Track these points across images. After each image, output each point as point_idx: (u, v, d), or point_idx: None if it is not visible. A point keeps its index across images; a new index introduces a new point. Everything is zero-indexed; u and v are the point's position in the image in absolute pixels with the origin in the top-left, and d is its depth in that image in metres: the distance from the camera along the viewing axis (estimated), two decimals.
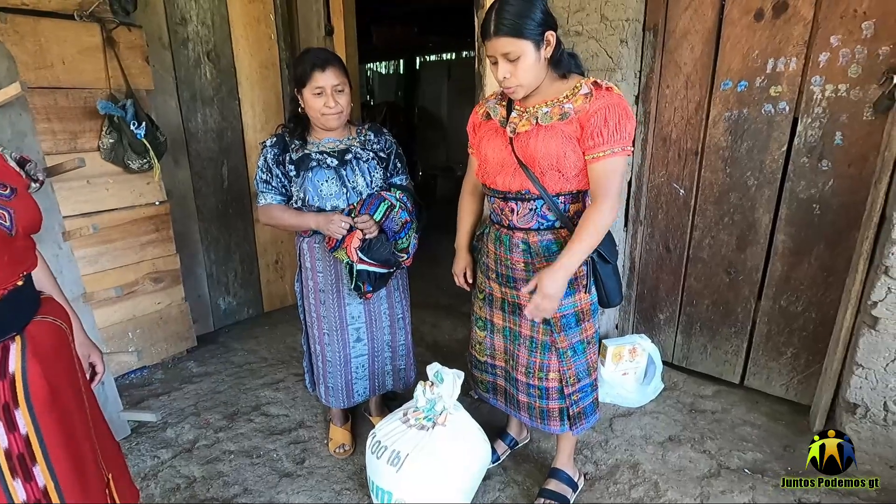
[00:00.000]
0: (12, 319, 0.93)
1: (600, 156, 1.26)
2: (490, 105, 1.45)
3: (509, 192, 1.37)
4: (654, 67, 1.98)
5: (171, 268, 2.46)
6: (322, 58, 1.54)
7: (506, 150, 1.36)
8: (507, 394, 1.62)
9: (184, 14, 2.45)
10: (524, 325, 1.49)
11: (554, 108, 1.29)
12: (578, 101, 1.27)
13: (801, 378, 1.94)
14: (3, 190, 0.91)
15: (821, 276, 1.82)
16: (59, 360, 1.00)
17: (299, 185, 1.58)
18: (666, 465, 1.74)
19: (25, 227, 0.94)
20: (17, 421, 0.89)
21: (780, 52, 1.73)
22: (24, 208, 0.94)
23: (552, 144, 1.28)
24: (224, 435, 1.97)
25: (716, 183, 1.95)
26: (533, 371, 1.50)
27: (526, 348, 1.50)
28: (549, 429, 1.54)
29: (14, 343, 0.91)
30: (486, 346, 1.62)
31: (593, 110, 1.24)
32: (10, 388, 0.89)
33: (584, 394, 1.51)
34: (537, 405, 1.52)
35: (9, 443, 0.88)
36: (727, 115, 1.87)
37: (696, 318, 2.14)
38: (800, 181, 1.79)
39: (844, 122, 1.67)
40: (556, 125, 1.28)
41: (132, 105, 2.12)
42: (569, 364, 1.46)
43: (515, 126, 1.34)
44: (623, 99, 1.27)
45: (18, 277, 0.93)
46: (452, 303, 3.09)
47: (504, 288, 1.50)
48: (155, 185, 2.33)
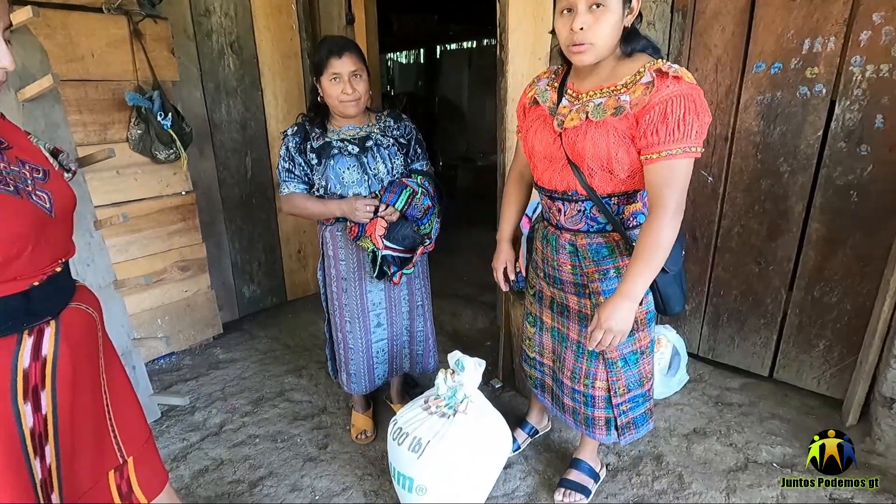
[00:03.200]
0: (49, 304, 0.95)
1: (654, 157, 1.09)
2: (540, 87, 1.29)
3: (556, 190, 1.26)
4: (682, 50, 1.92)
5: (197, 256, 2.52)
6: (339, 44, 1.54)
7: (554, 145, 1.23)
8: (553, 393, 1.56)
9: (207, 6, 2.47)
10: (572, 327, 1.41)
11: (609, 100, 1.13)
12: (637, 91, 1.09)
13: (833, 371, 1.88)
14: (37, 174, 0.93)
15: (857, 265, 1.75)
16: (86, 345, 1.02)
17: (321, 174, 1.59)
18: (691, 458, 1.71)
19: (63, 209, 0.95)
20: (41, 402, 0.91)
21: (817, 31, 1.65)
22: (60, 190, 0.95)
23: (601, 143, 1.14)
24: (250, 419, 2.02)
25: (746, 170, 1.89)
26: (579, 377, 1.41)
27: (573, 352, 1.42)
28: (595, 436, 1.46)
29: (49, 327, 0.94)
30: (535, 343, 1.56)
31: (653, 103, 1.07)
32: (41, 371, 0.91)
33: (634, 404, 1.42)
34: (582, 411, 1.45)
35: (34, 423, 0.90)
36: (759, 99, 1.81)
37: (724, 308, 2.08)
38: (836, 167, 1.71)
39: (886, 104, 1.59)
40: (608, 121, 1.13)
41: (159, 96, 2.16)
42: (618, 374, 1.37)
43: (563, 119, 1.20)
44: (696, 88, 1.07)
45: (57, 264, 0.95)
46: (472, 292, 3.09)
47: (552, 288, 1.42)
48: (181, 175, 2.38)
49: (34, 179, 0.91)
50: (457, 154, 5.82)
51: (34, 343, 0.91)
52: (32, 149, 0.99)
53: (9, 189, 0.85)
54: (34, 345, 0.91)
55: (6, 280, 0.84)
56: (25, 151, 0.96)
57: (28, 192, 0.89)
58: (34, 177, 0.92)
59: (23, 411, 0.88)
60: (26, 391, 0.89)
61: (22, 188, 0.88)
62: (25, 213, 0.86)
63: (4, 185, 0.84)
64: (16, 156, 0.91)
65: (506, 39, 1.84)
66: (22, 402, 0.88)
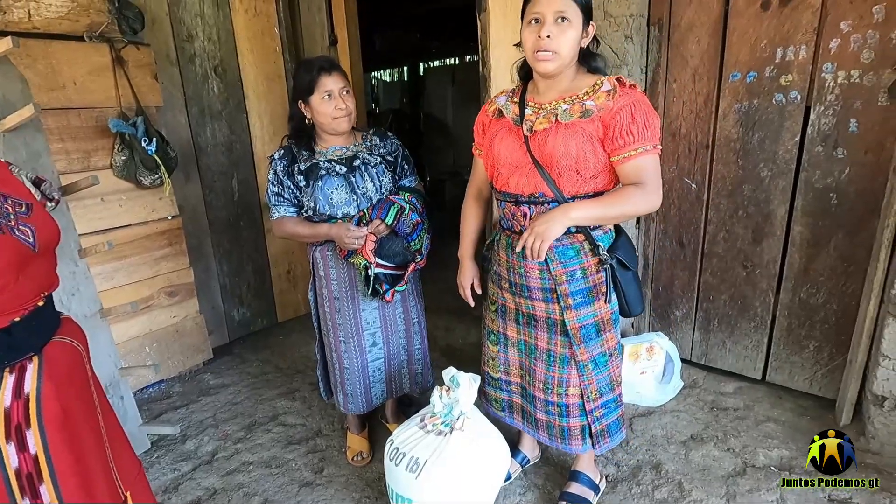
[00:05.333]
0: (31, 340, 0.93)
1: (631, 154, 1.20)
2: (501, 102, 1.38)
3: (522, 194, 1.31)
4: (660, 62, 1.96)
5: (185, 281, 2.49)
6: (328, 62, 1.58)
7: (520, 150, 1.29)
8: (524, 411, 1.55)
9: (190, 31, 2.48)
10: (540, 336, 1.43)
11: (574, 105, 1.22)
12: (601, 98, 1.21)
13: (825, 372, 1.90)
14: (19, 208, 0.92)
15: (841, 266, 1.78)
16: (73, 380, 1.00)
17: (310, 195, 1.59)
18: (689, 465, 1.71)
19: (47, 243, 0.95)
20: (27, 441, 0.89)
21: (789, 40, 1.70)
22: (43, 223, 0.95)
23: (572, 144, 1.22)
24: (243, 446, 1.98)
25: (728, 176, 1.93)
26: (552, 387, 1.43)
27: (543, 362, 1.44)
28: (570, 448, 1.47)
29: (31, 363, 0.92)
30: (499, 362, 1.55)
31: (618, 108, 1.19)
32: (24, 409, 0.89)
33: (607, 409, 1.44)
34: (557, 423, 1.46)
35: (19, 462, 0.88)
36: (737, 107, 1.85)
37: (714, 313, 2.10)
38: (815, 170, 1.75)
39: (859, 108, 1.64)
40: (577, 123, 1.22)
41: (143, 122, 2.15)
42: (590, 378, 1.40)
43: (532, 124, 1.27)
44: (645, 97, 1.22)
45: (39, 298, 0.94)
46: (464, 306, 3.05)
47: (518, 298, 1.44)
48: (167, 199, 2.36)
49: (17, 214, 0.91)
50: (444, 168, 5.86)
51: (16, 380, 0.89)
52: (14, 182, 0.99)
53: None
54: (16, 382, 0.89)
55: None
56: (7, 185, 0.95)
57: (10, 227, 0.88)
58: (17, 211, 0.91)
59: (5, 451, 0.86)
60: (8, 431, 0.87)
61: (4, 223, 0.87)
62: (7, 248, 0.86)
63: None
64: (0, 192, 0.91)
65: (488, 56, 1.87)
66: (4, 442, 0.86)
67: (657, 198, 1.24)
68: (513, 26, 1.88)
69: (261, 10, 2.71)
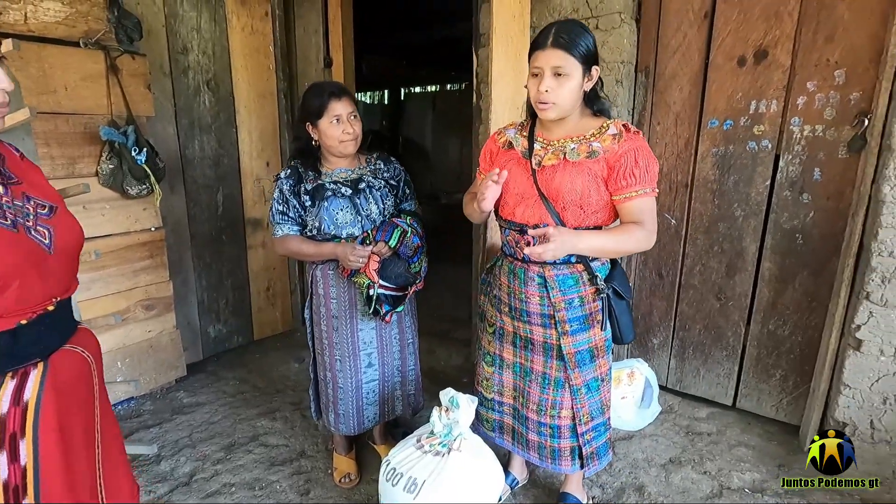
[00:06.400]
0: (38, 346, 0.90)
1: (633, 195, 1.29)
2: (510, 134, 1.44)
3: (527, 224, 1.37)
4: (646, 106, 2.11)
5: (163, 295, 2.42)
6: (338, 87, 1.63)
7: (527, 182, 1.36)
8: (514, 432, 1.59)
9: (186, 44, 2.48)
10: (536, 360, 1.48)
11: (581, 146, 1.31)
12: (607, 140, 1.29)
13: (790, 399, 2.04)
14: (41, 209, 0.91)
15: (805, 301, 1.94)
16: (77, 392, 0.97)
17: (315, 215, 1.61)
18: (670, 487, 1.78)
19: (64, 245, 0.93)
20: (20, 451, 0.86)
21: (761, 94, 1.88)
22: (65, 226, 0.93)
23: (578, 181, 1.30)
24: (223, 467, 1.92)
25: (705, 214, 2.07)
26: (545, 409, 1.48)
27: (538, 385, 1.49)
28: (560, 469, 1.52)
29: (35, 370, 0.89)
30: (493, 383, 1.59)
31: (622, 152, 1.28)
32: (21, 418, 0.86)
33: (597, 433, 1.50)
34: (548, 444, 1.50)
35: (8, 474, 0.85)
36: (714, 151, 2.01)
37: (689, 342, 2.22)
38: (783, 213, 1.92)
39: (822, 159, 1.81)
40: (584, 162, 1.30)
41: (134, 131, 2.12)
42: (582, 402, 1.45)
43: (541, 159, 1.35)
44: (647, 143, 1.32)
45: (50, 302, 0.91)
46: (445, 328, 3.11)
47: (517, 322, 1.49)
48: (152, 210, 2.31)
49: (37, 215, 0.90)
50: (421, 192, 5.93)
51: (16, 387, 0.86)
52: (44, 186, 0.98)
53: (5, 222, 0.84)
54: (16, 388, 0.86)
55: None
56: (35, 188, 0.94)
57: (27, 226, 0.87)
58: (38, 212, 0.91)
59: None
60: (2, 440, 0.84)
61: (21, 222, 0.87)
62: (19, 246, 0.85)
63: (2, 218, 0.84)
64: (22, 191, 0.91)
65: (488, 91, 1.96)
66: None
67: (654, 237, 1.33)
68: (512, 66, 2.00)
69: (257, 29, 2.74)
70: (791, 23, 1.78)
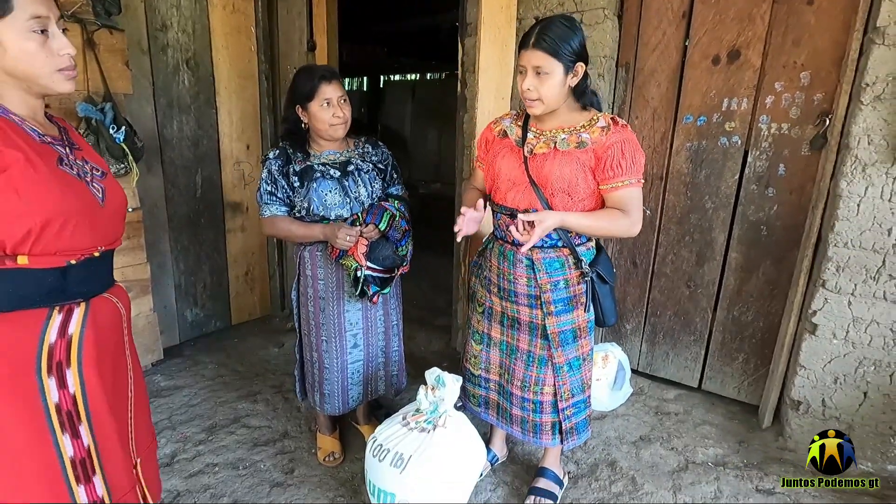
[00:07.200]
0: (83, 287, 1.00)
1: (619, 185, 1.36)
2: (506, 124, 1.51)
3: (517, 209, 1.43)
4: (625, 99, 2.19)
5: (140, 277, 2.38)
6: (329, 71, 1.63)
7: (519, 169, 1.43)
8: (499, 408, 1.67)
9: (165, 21, 2.42)
10: (522, 338, 1.56)
11: (571, 136, 1.38)
12: (595, 132, 1.36)
13: (750, 381, 2.17)
14: (96, 171, 1.05)
15: (767, 289, 2.07)
16: (111, 338, 1.07)
17: (303, 196, 1.62)
18: (640, 462, 1.88)
19: (113, 203, 1.05)
20: (67, 379, 0.96)
21: (733, 93, 1.98)
22: (112, 188, 1.07)
23: (567, 169, 1.37)
24: (205, 448, 1.92)
25: (678, 205, 2.18)
26: (529, 385, 1.56)
27: (523, 362, 1.56)
28: (541, 442, 1.60)
29: (78, 308, 0.99)
30: (481, 360, 1.66)
31: (610, 143, 1.34)
32: (66, 348, 0.96)
33: (577, 409, 1.58)
34: (530, 419, 1.58)
35: (59, 398, 0.95)
36: (688, 146, 2.11)
37: (660, 327, 2.34)
38: (750, 205, 2.03)
39: (786, 155, 1.93)
40: (573, 152, 1.37)
41: (111, 108, 2.07)
42: (564, 379, 1.53)
43: (533, 147, 1.41)
44: (634, 136, 1.38)
45: (96, 249, 1.01)
46: (425, 315, 3.16)
47: (505, 302, 1.55)
48: (129, 191, 2.25)
49: (94, 175, 1.04)
50: None
51: (62, 321, 0.97)
52: (95, 155, 1.12)
53: (72, 171, 0.98)
54: (62, 322, 0.96)
55: (47, 253, 0.92)
56: (90, 155, 1.09)
57: (87, 181, 1.01)
58: (94, 173, 1.04)
59: (47, 385, 0.93)
60: (50, 366, 0.94)
61: (83, 177, 1.01)
62: (79, 191, 0.97)
63: (70, 168, 0.98)
64: (82, 156, 1.05)
65: (475, 80, 2.01)
66: (46, 376, 0.93)
67: (639, 226, 1.40)
68: (498, 58, 2.05)
69: (239, 8, 2.69)
70: (763, 25, 1.88)
